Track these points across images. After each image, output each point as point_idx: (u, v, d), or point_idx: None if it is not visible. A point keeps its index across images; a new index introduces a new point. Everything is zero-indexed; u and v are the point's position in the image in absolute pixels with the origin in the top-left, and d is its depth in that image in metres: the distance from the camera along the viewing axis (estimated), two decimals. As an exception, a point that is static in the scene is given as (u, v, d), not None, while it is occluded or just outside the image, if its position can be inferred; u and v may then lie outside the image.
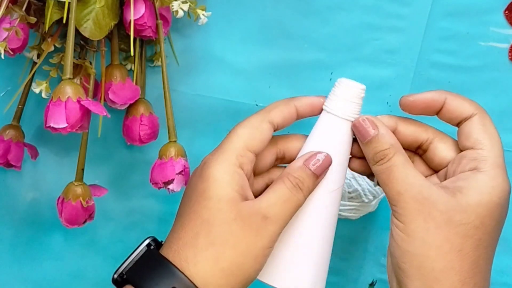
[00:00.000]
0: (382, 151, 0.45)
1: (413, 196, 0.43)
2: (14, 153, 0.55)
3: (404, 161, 0.45)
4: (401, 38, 0.58)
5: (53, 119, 0.46)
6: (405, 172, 0.45)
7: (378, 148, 0.45)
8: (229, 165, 0.45)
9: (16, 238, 0.61)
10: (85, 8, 0.49)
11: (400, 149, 0.46)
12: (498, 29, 0.58)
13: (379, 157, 0.45)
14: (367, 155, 0.46)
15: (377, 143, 0.45)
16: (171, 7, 0.52)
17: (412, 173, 0.45)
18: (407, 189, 0.44)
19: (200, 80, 0.59)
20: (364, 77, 0.59)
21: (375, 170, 0.46)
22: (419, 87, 0.59)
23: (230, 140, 0.46)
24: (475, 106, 0.46)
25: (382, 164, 0.45)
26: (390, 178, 0.45)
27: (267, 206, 0.44)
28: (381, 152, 0.45)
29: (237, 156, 0.45)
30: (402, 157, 0.45)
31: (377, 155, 0.45)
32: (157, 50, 0.57)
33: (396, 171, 0.44)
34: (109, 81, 0.53)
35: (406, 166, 0.45)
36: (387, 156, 0.45)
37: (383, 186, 0.45)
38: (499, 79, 0.59)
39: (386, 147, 0.45)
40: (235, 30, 0.58)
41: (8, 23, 0.50)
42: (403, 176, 0.44)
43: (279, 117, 0.48)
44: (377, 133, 0.45)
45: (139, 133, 0.54)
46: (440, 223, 0.43)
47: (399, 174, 0.44)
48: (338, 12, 0.58)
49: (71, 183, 0.53)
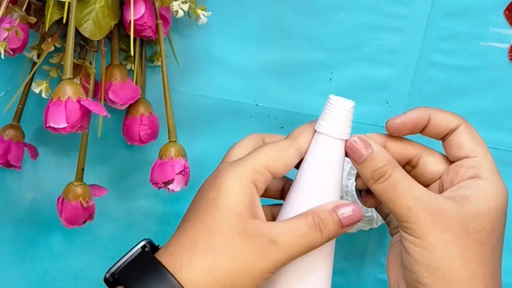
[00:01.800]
0: (380, 168, 0.44)
1: (425, 209, 0.42)
2: (14, 153, 0.55)
3: (405, 175, 0.44)
4: (401, 38, 0.58)
5: (53, 119, 0.46)
6: (410, 186, 0.43)
7: (375, 166, 0.44)
8: (242, 177, 0.43)
9: (16, 238, 0.61)
10: (85, 8, 0.49)
11: (397, 164, 0.44)
12: (498, 29, 0.58)
13: (378, 174, 0.44)
14: (365, 175, 0.44)
15: (373, 161, 0.44)
16: (171, 7, 0.52)
17: (416, 186, 0.43)
18: (417, 203, 0.42)
19: (200, 80, 0.59)
20: (364, 77, 0.59)
21: (376, 189, 0.44)
22: (419, 87, 0.59)
23: (252, 155, 0.45)
24: (458, 117, 0.46)
25: (384, 182, 0.43)
26: (396, 194, 0.43)
27: (278, 231, 0.43)
28: (379, 170, 0.44)
29: (253, 171, 0.44)
30: (402, 172, 0.44)
31: (375, 173, 0.44)
32: (157, 50, 0.57)
33: (401, 187, 0.43)
34: (109, 81, 0.53)
35: (408, 180, 0.44)
36: (387, 173, 0.43)
37: (389, 204, 0.44)
38: (499, 79, 0.59)
39: (383, 163, 0.44)
40: (235, 30, 0.58)
41: (8, 23, 0.50)
42: (409, 190, 0.43)
43: (306, 145, 0.46)
44: (371, 151, 0.44)
45: (139, 133, 0.54)
46: (457, 233, 0.42)
47: (405, 189, 0.43)
48: (338, 12, 0.58)
49: (71, 183, 0.53)
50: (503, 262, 0.63)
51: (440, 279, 0.42)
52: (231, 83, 0.59)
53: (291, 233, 0.43)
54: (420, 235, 0.42)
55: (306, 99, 0.59)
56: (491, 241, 0.43)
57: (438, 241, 0.42)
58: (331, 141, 0.45)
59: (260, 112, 0.59)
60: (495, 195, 0.43)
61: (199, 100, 0.59)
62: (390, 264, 0.47)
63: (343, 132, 0.45)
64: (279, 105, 0.59)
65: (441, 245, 0.42)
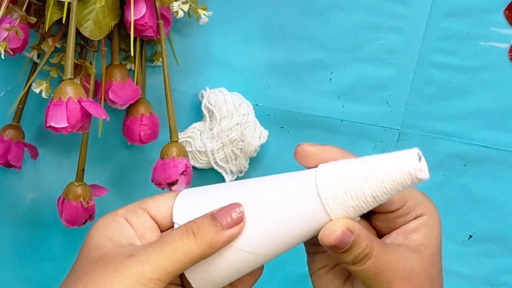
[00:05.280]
0: (362, 252, 0.40)
1: (402, 278, 0.41)
2: (14, 153, 0.55)
3: (380, 248, 0.41)
4: (401, 38, 0.58)
5: (54, 119, 0.46)
6: (387, 258, 0.41)
7: (358, 252, 0.40)
8: (110, 216, 0.41)
9: (16, 238, 0.61)
10: (86, 8, 0.49)
11: (371, 236, 0.41)
12: (498, 29, 0.58)
13: (360, 259, 0.40)
14: (343, 261, 0.40)
15: (357, 247, 0.40)
16: (171, 7, 0.52)
17: (391, 254, 0.41)
18: (395, 275, 0.40)
19: (200, 80, 0.59)
20: (364, 77, 0.59)
21: (356, 270, 0.40)
22: (419, 87, 0.59)
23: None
24: None
25: (365, 263, 0.40)
26: (377, 273, 0.40)
27: (139, 247, 0.39)
28: (361, 254, 0.40)
29: (123, 210, 0.41)
30: (377, 244, 0.41)
31: (357, 258, 0.40)
32: (157, 50, 0.57)
33: (381, 264, 0.40)
34: (109, 81, 0.53)
35: (383, 251, 0.41)
36: (368, 254, 0.40)
37: (368, 281, 0.41)
38: (499, 79, 0.59)
39: (365, 246, 0.40)
40: (235, 30, 0.58)
41: (8, 23, 0.50)
42: (388, 264, 0.40)
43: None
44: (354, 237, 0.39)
45: (139, 133, 0.54)
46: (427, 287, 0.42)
47: (384, 264, 0.40)
48: (338, 12, 0.58)
49: (71, 183, 0.53)
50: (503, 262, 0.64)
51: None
52: (231, 83, 0.59)
53: (155, 244, 0.39)
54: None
55: (306, 99, 0.59)
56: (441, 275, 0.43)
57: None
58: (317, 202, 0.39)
59: (260, 112, 0.59)
60: (437, 226, 0.43)
61: (199, 100, 0.59)
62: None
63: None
64: (279, 105, 0.59)
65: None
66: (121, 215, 0.41)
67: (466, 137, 0.61)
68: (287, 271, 0.63)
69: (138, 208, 0.41)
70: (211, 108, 0.57)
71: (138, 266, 0.38)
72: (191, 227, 0.39)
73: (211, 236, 0.39)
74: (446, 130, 0.60)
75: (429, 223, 0.43)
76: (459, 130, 0.60)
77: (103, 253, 0.39)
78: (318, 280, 0.45)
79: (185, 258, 0.39)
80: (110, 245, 0.40)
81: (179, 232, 0.39)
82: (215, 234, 0.39)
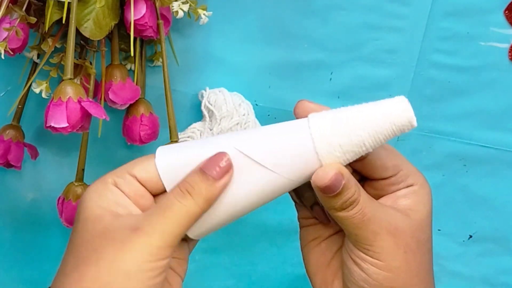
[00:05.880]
0: (350, 198, 0.40)
1: (388, 232, 0.41)
2: (14, 153, 0.55)
3: (368, 197, 0.41)
4: (401, 38, 0.58)
5: (54, 119, 0.46)
6: (373, 208, 0.41)
7: (347, 197, 0.40)
8: (101, 184, 0.40)
9: (16, 238, 0.61)
10: (86, 8, 0.49)
11: (359, 184, 0.41)
12: (498, 29, 0.58)
13: (348, 204, 0.40)
14: (332, 206, 0.41)
15: (346, 192, 0.40)
16: (171, 7, 0.52)
17: (377, 207, 0.41)
18: (381, 227, 0.41)
19: (200, 80, 0.59)
20: (364, 77, 0.59)
21: (341, 216, 0.41)
22: (419, 87, 0.59)
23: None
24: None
25: (352, 209, 0.40)
26: (364, 221, 0.40)
27: (140, 218, 0.39)
28: (349, 200, 0.40)
29: (112, 176, 0.41)
30: (364, 193, 0.41)
31: (345, 203, 0.40)
32: (157, 50, 0.57)
33: (367, 212, 0.40)
34: (109, 81, 0.53)
35: (370, 201, 0.41)
36: (356, 200, 0.40)
37: (354, 229, 0.41)
38: (499, 79, 0.59)
39: (353, 192, 0.40)
40: (235, 30, 0.58)
41: (8, 23, 0.50)
42: (374, 214, 0.41)
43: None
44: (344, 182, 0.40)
45: (139, 133, 0.54)
46: (414, 249, 0.42)
47: (370, 213, 0.41)
48: (338, 12, 0.58)
49: (71, 183, 0.53)
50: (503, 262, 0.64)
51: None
52: (231, 83, 0.59)
53: (156, 212, 0.39)
54: (385, 258, 0.41)
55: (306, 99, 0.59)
56: (431, 243, 0.43)
57: (403, 264, 0.41)
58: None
59: (260, 112, 0.59)
60: (427, 196, 0.43)
61: (199, 100, 0.59)
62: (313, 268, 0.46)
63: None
64: (279, 105, 0.59)
65: (405, 267, 0.41)
66: (112, 183, 0.40)
67: (466, 137, 0.61)
68: (287, 271, 0.63)
69: (126, 174, 0.41)
70: (211, 108, 0.57)
71: (146, 239, 0.38)
72: (185, 188, 0.39)
73: (206, 191, 0.39)
74: (446, 130, 0.60)
75: (419, 192, 0.43)
76: (459, 130, 0.60)
77: (104, 226, 0.39)
78: (310, 252, 0.46)
79: (188, 218, 0.39)
80: (109, 217, 0.39)
81: (176, 194, 0.39)
82: (209, 188, 0.39)
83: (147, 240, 0.38)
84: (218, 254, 0.62)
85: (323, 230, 0.46)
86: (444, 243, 0.63)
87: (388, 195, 0.43)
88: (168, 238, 0.38)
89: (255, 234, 0.62)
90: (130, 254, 0.37)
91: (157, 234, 0.38)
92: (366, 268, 0.42)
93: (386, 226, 0.41)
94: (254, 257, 0.63)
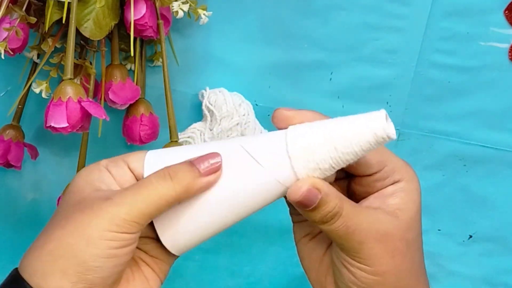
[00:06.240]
0: (331, 211, 0.40)
1: (375, 239, 0.41)
2: (14, 153, 0.55)
3: (352, 208, 0.41)
4: (401, 38, 0.58)
5: (54, 119, 0.46)
6: (358, 219, 0.41)
7: (326, 211, 0.40)
8: (93, 165, 0.42)
9: (16, 238, 0.61)
10: (86, 8, 0.49)
11: (343, 197, 0.41)
12: (498, 29, 0.58)
13: (329, 218, 0.40)
14: (312, 219, 0.40)
15: (324, 206, 0.40)
16: (171, 7, 0.52)
17: (363, 215, 0.41)
18: (367, 236, 0.40)
19: (200, 80, 0.59)
20: (364, 77, 0.59)
21: (326, 229, 0.41)
22: (419, 87, 0.59)
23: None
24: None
25: (335, 223, 0.40)
26: (348, 233, 0.40)
27: (117, 191, 0.40)
28: (330, 213, 0.40)
29: (106, 161, 0.42)
30: (348, 204, 0.41)
31: (326, 217, 0.40)
32: (157, 50, 0.57)
33: (351, 224, 0.40)
34: (109, 81, 0.53)
35: (355, 212, 0.41)
36: (338, 214, 0.40)
37: (339, 241, 0.41)
38: (499, 79, 0.59)
39: (333, 206, 0.40)
40: (235, 30, 0.58)
41: (8, 23, 0.50)
42: (359, 225, 0.40)
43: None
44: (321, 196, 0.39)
45: (139, 133, 0.54)
46: (403, 251, 0.42)
47: (355, 225, 0.40)
48: (338, 12, 0.58)
49: (71, 183, 0.53)
50: (503, 262, 0.64)
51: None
52: (231, 83, 0.59)
53: (131, 188, 0.39)
54: (373, 264, 0.41)
55: (306, 99, 0.59)
56: (421, 239, 0.43)
57: (391, 268, 0.41)
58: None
59: (260, 112, 0.59)
60: (415, 191, 0.43)
61: (199, 100, 0.59)
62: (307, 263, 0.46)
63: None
64: (279, 105, 0.59)
65: (394, 270, 0.42)
66: (103, 165, 0.42)
67: (466, 137, 0.61)
68: (287, 271, 0.63)
69: (120, 160, 0.42)
70: (211, 108, 0.57)
71: (114, 208, 0.38)
72: (168, 171, 0.39)
73: (188, 180, 0.39)
74: (446, 130, 0.60)
75: (407, 188, 0.43)
76: (459, 130, 0.60)
77: (82, 197, 0.40)
78: (303, 248, 0.46)
79: (161, 200, 0.39)
80: (89, 190, 0.40)
81: (156, 175, 0.39)
82: (192, 179, 0.39)
83: (114, 209, 0.38)
84: (218, 254, 0.62)
85: (313, 227, 0.46)
86: (444, 243, 0.63)
87: (376, 195, 0.43)
88: (135, 213, 0.38)
89: (255, 234, 0.62)
90: (96, 220, 0.38)
91: (125, 206, 0.38)
92: (354, 272, 0.42)
93: (374, 234, 0.41)
94: (254, 257, 0.63)
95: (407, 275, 0.42)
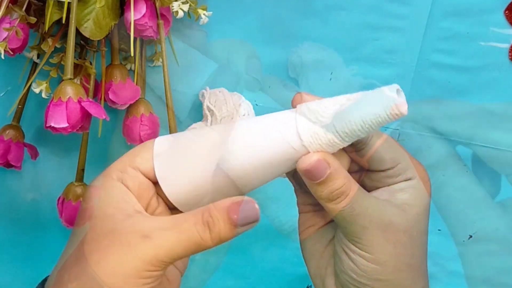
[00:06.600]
0: (338, 189, 0.41)
1: (378, 227, 0.41)
2: (14, 153, 0.55)
3: (360, 192, 0.42)
4: (401, 38, 0.58)
5: (54, 119, 0.46)
6: (365, 204, 0.42)
7: (333, 187, 0.41)
8: (107, 181, 0.41)
9: (16, 238, 0.61)
10: (86, 8, 0.49)
11: (352, 180, 0.42)
12: (498, 29, 0.58)
13: (335, 195, 0.41)
14: (319, 195, 0.42)
15: (332, 182, 0.41)
16: (171, 7, 0.52)
17: (369, 201, 0.42)
18: (371, 222, 0.41)
19: (200, 80, 0.59)
20: (364, 77, 0.59)
21: (331, 208, 0.42)
22: (419, 87, 0.59)
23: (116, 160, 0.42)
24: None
25: (341, 202, 0.41)
26: (353, 215, 0.41)
27: (154, 226, 0.39)
28: (337, 191, 0.41)
29: (116, 171, 0.41)
30: (356, 187, 0.42)
31: (332, 194, 0.41)
32: (157, 50, 0.57)
33: (357, 207, 0.41)
34: (109, 81, 0.53)
35: (363, 196, 0.42)
36: (344, 193, 0.41)
37: (343, 223, 0.42)
38: (499, 79, 0.59)
39: (342, 184, 0.41)
40: (235, 30, 0.58)
41: (8, 23, 0.50)
42: (365, 210, 0.42)
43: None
44: (330, 171, 0.41)
45: (139, 133, 0.54)
46: (406, 244, 0.42)
47: (361, 208, 0.41)
48: (338, 12, 0.58)
49: (71, 183, 0.53)
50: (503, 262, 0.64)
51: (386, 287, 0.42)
52: (231, 83, 0.59)
53: (172, 229, 0.39)
54: (373, 251, 0.42)
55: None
56: (425, 238, 0.44)
57: (391, 257, 0.42)
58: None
59: (260, 112, 0.59)
60: (426, 191, 0.44)
61: (199, 100, 0.59)
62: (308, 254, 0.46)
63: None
64: (279, 105, 0.59)
65: (394, 260, 0.42)
66: (117, 179, 0.41)
67: (466, 137, 0.61)
68: (287, 271, 0.63)
69: (129, 168, 0.41)
70: (211, 108, 0.57)
71: (153, 251, 0.38)
72: (207, 221, 0.39)
73: (225, 233, 0.39)
74: (446, 130, 0.60)
75: (418, 187, 0.43)
76: (459, 130, 0.60)
77: (113, 226, 0.39)
78: (306, 239, 0.47)
79: (198, 248, 0.39)
80: (119, 216, 0.39)
81: (196, 222, 0.39)
82: (229, 231, 0.39)
83: (153, 252, 0.38)
84: (218, 254, 0.62)
85: (320, 218, 0.47)
86: (444, 243, 0.63)
87: (386, 188, 0.44)
88: (173, 256, 0.39)
89: (255, 234, 0.62)
90: (134, 262, 0.38)
91: (165, 249, 0.38)
92: (354, 259, 0.42)
93: (377, 221, 0.42)
94: (254, 257, 0.63)
95: (407, 268, 0.43)
